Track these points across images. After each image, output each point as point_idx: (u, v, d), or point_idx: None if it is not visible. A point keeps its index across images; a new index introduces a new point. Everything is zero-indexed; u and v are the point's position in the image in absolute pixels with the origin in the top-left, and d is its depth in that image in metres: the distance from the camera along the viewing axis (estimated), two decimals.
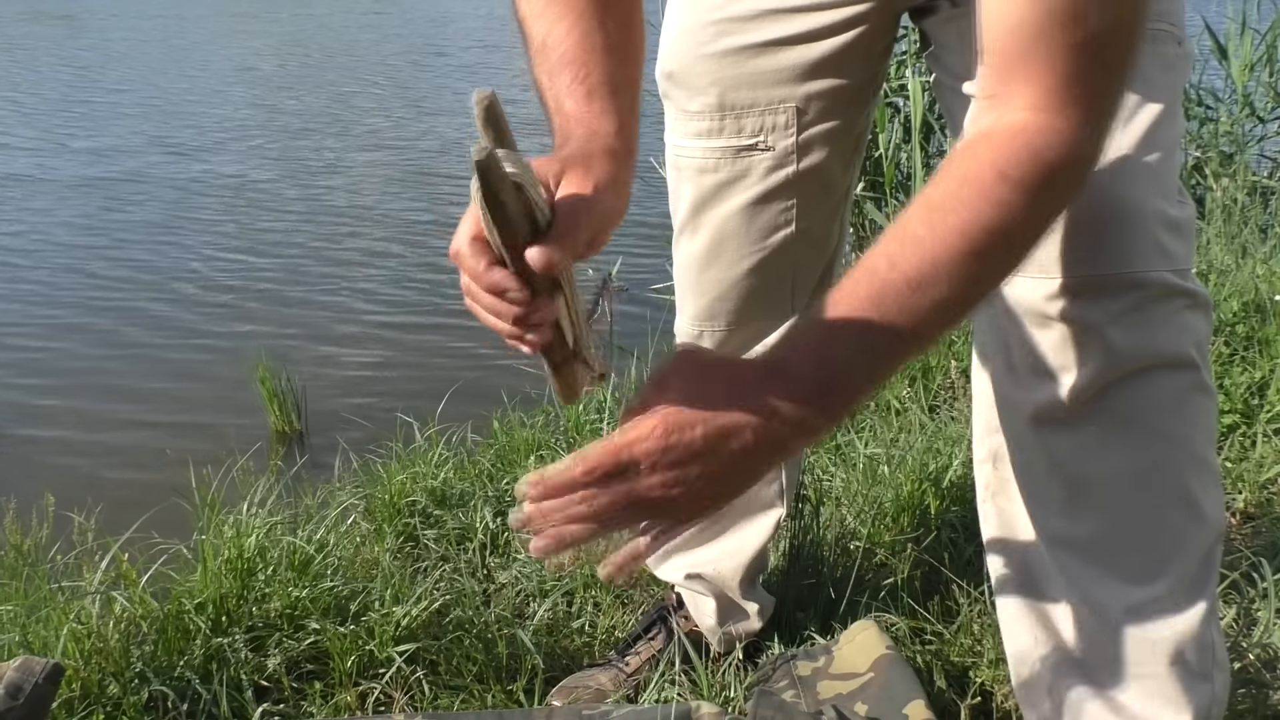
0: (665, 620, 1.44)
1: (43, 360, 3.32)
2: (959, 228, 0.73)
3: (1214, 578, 0.99)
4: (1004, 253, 0.76)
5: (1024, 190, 0.74)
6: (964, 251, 0.73)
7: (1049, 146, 0.75)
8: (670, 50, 1.18)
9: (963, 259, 0.73)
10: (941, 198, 0.75)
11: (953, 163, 0.78)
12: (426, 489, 1.89)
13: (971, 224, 0.73)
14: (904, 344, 0.75)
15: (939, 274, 0.73)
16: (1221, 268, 2.63)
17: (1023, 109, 0.76)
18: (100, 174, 5.60)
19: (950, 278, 0.73)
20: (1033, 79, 0.76)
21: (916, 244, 0.74)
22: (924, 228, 0.74)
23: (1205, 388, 0.97)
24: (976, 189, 0.74)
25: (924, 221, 0.75)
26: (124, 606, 1.44)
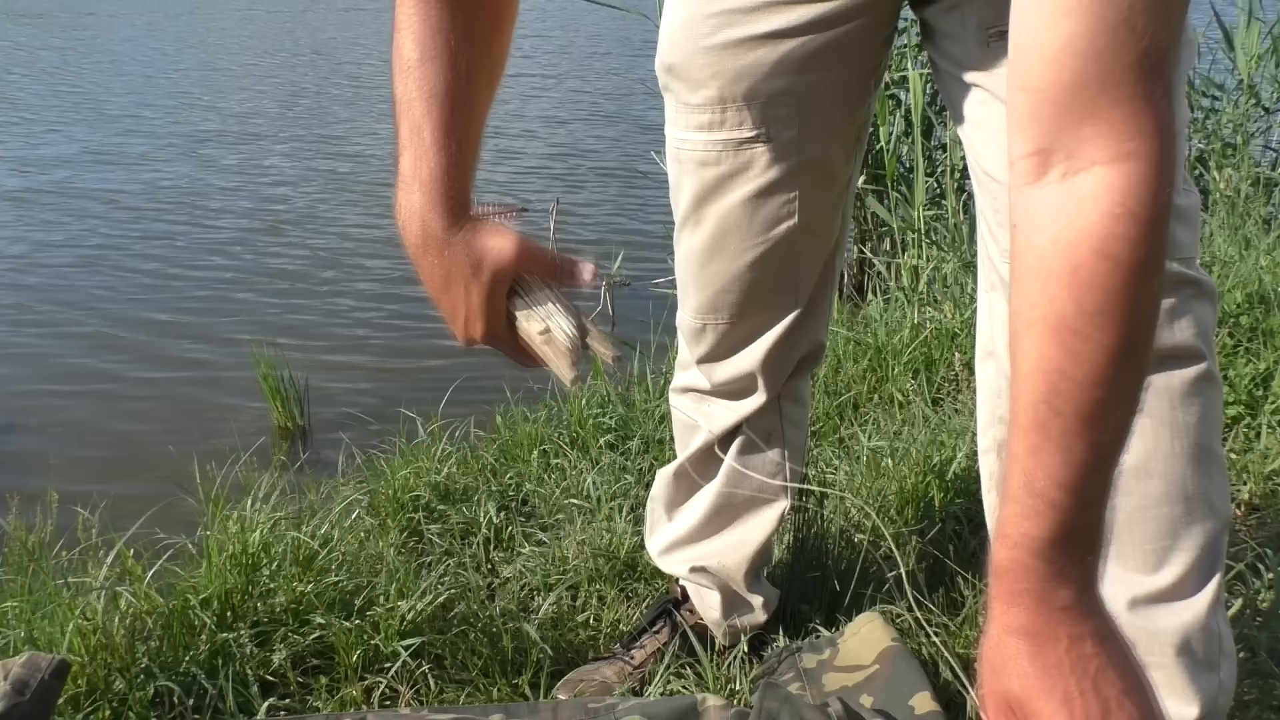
0: (670, 614, 1.44)
1: (45, 357, 3.32)
2: (1104, 345, 0.65)
3: (1220, 568, 0.99)
4: (1152, 328, 0.68)
5: (1146, 267, 0.65)
6: (1118, 360, 0.65)
7: (1149, 202, 0.64)
8: (670, 42, 1.17)
9: (1118, 366, 0.66)
10: (1072, 315, 0.65)
11: (1056, 263, 0.65)
12: (430, 484, 1.89)
13: (1115, 334, 0.65)
14: (1115, 463, 0.69)
15: (1108, 397, 0.66)
16: (1225, 259, 2.63)
17: (1101, 161, 0.65)
18: (100, 171, 5.59)
19: (1115, 389, 0.66)
20: (1103, 118, 0.64)
21: (1065, 379, 0.66)
22: (1068, 360, 0.65)
23: (1211, 377, 0.97)
24: (1104, 293, 0.64)
25: (1067, 352, 0.65)
26: (129, 602, 1.44)
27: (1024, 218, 0.68)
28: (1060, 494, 0.66)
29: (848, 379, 2.31)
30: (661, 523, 1.44)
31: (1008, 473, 0.69)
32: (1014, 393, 0.68)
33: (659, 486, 1.44)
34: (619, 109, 6.83)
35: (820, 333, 1.32)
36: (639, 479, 1.88)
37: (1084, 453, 0.66)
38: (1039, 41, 0.66)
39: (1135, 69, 0.64)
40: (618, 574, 1.61)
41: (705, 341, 1.28)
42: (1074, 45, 0.64)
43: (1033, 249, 0.67)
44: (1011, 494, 0.68)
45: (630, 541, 1.65)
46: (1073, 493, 0.66)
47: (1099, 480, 0.68)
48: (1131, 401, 0.68)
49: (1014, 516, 0.68)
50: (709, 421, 1.34)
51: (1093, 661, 0.66)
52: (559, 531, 1.77)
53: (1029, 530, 0.67)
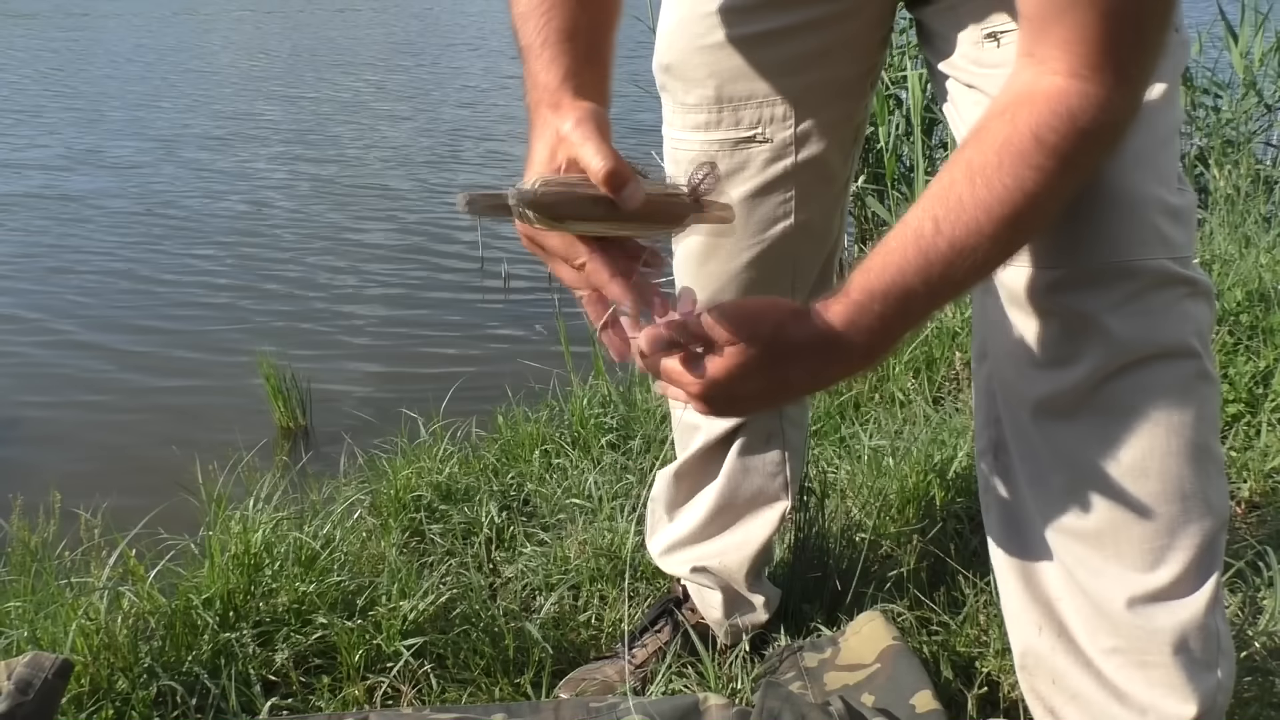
0: (672, 613, 1.45)
1: (48, 358, 3.33)
2: (1001, 194, 0.77)
3: (1218, 566, 0.99)
4: (1039, 216, 0.80)
5: (1060, 156, 0.77)
6: (1004, 217, 0.78)
7: (1083, 111, 0.77)
8: (667, 42, 1.18)
9: (1003, 224, 0.78)
10: (983, 163, 0.78)
11: (991, 125, 0.80)
12: (432, 484, 1.89)
13: (1013, 190, 0.77)
14: (940, 303, 0.83)
15: (981, 239, 0.78)
16: (1225, 257, 2.63)
17: (1057, 73, 0.78)
18: (100, 171, 5.60)
19: (991, 241, 0.79)
20: (1066, 43, 0.77)
21: (960, 209, 0.78)
22: (967, 192, 0.78)
23: (1207, 376, 0.97)
24: (1016, 155, 0.77)
25: (967, 185, 0.78)
26: (132, 602, 1.44)
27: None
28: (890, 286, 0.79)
29: None
30: (662, 523, 1.44)
31: (869, 259, 0.81)
32: (920, 200, 0.81)
33: (659, 487, 1.44)
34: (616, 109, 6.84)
35: None
36: (640, 479, 1.89)
37: (931, 272, 0.79)
38: None
39: (1108, 15, 0.76)
40: (619, 573, 1.62)
41: None
42: None
43: (985, 115, 0.82)
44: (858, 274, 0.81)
45: (632, 541, 1.65)
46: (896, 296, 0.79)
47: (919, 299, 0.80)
48: (985, 260, 0.80)
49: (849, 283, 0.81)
50: (709, 422, 1.34)
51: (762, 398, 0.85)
52: (561, 531, 1.77)
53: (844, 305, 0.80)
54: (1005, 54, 0.97)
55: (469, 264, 4.15)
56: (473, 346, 3.32)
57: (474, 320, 3.58)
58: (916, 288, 0.79)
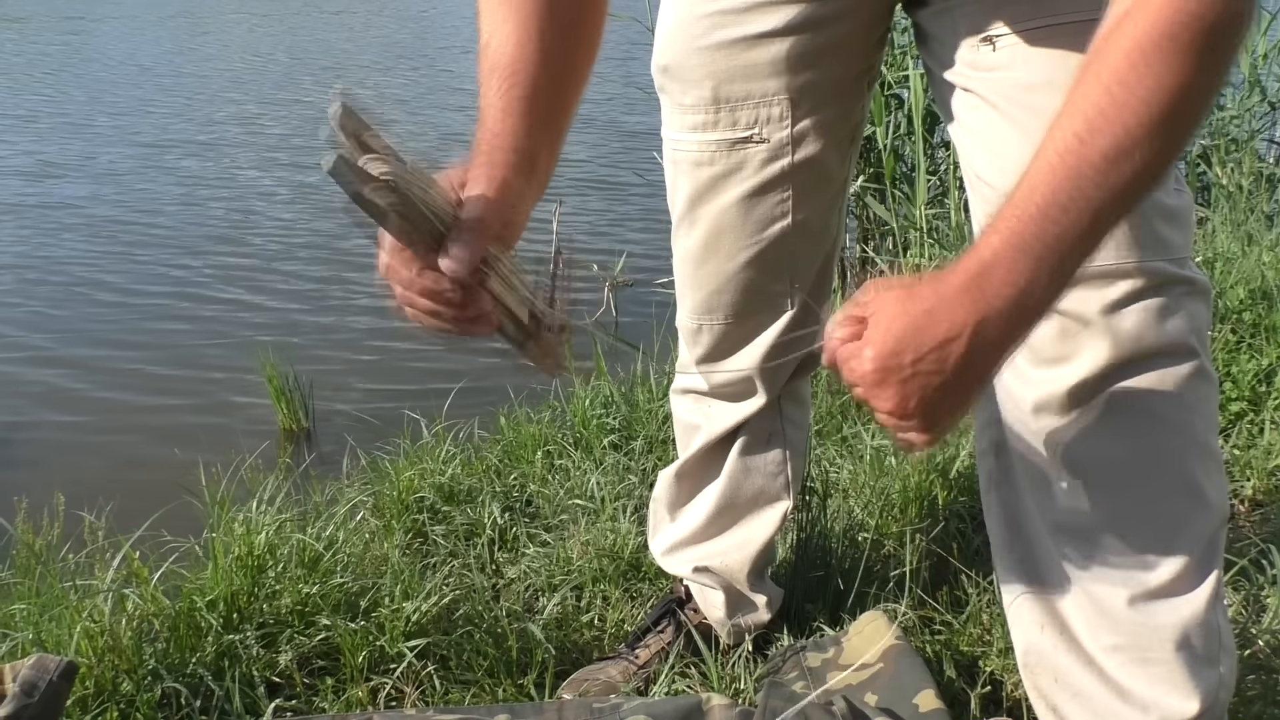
0: (674, 613, 1.45)
1: (50, 361, 3.33)
2: (1144, 96, 0.73)
3: (1219, 563, 1.00)
4: (1188, 118, 0.76)
5: (1195, 52, 0.74)
6: (1153, 118, 0.74)
7: (1209, 6, 0.73)
8: (665, 44, 1.18)
9: (1154, 125, 0.74)
10: (1116, 68, 0.74)
11: (1117, 34, 0.75)
12: (434, 485, 1.90)
13: (1155, 90, 0.73)
14: (1105, 221, 0.76)
15: (1133, 146, 0.74)
16: (1227, 255, 2.62)
17: None
18: (100, 170, 5.61)
19: (1143, 148, 0.74)
20: None
21: (1104, 119, 0.74)
22: (1107, 101, 0.74)
23: (1206, 374, 0.98)
24: (1151, 55, 0.74)
25: (1105, 95, 0.74)
26: (136, 604, 1.44)
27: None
28: (1059, 212, 0.74)
29: None
30: (664, 523, 1.44)
31: (1013, 190, 0.76)
32: (1055, 124, 0.75)
33: (661, 487, 1.44)
34: (618, 110, 6.83)
35: (819, 335, 1.32)
36: (643, 479, 1.89)
37: (1085, 190, 0.74)
38: None
39: None
40: (622, 574, 1.62)
41: (702, 342, 1.28)
42: None
43: (1103, 26, 0.76)
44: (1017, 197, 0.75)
45: (634, 542, 1.65)
46: (1069, 215, 0.74)
47: (1100, 219, 0.75)
48: (1153, 165, 0.75)
49: (1012, 217, 0.75)
50: (710, 422, 1.34)
51: (935, 366, 0.76)
52: (563, 532, 1.77)
53: (1021, 229, 0.75)
54: (1001, 57, 0.97)
55: None
56: (475, 348, 3.31)
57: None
58: (1071, 209, 0.74)
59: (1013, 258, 0.75)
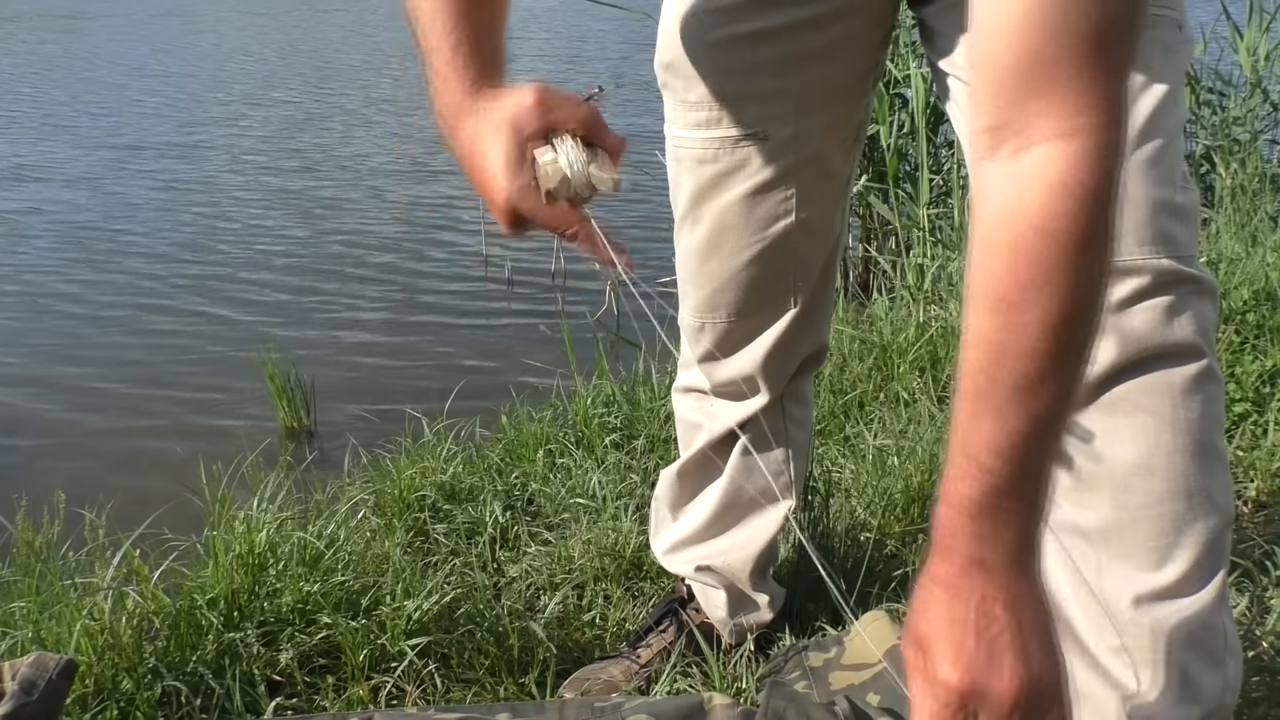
0: (676, 613, 1.44)
1: (52, 359, 3.33)
2: (1041, 319, 0.68)
3: (1224, 564, 0.99)
4: (1092, 305, 0.71)
5: (1086, 244, 0.68)
6: (1055, 334, 0.69)
7: (1092, 178, 0.67)
8: (668, 40, 1.17)
9: (1055, 339, 0.69)
10: (1009, 289, 0.68)
11: (997, 237, 0.69)
12: (436, 484, 1.89)
13: (1052, 309, 0.68)
14: (1053, 435, 0.71)
15: (1045, 369, 0.69)
16: (1232, 256, 2.62)
17: (1046, 138, 0.68)
18: (101, 169, 5.61)
19: (1052, 362, 0.69)
20: (1049, 95, 0.67)
21: (1003, 351, 0.69)
22: (1006, 332, 0.69)
23: (1212, 374, 0.97)
24: (1041, 268, 0.68)
25: (1004, 325, 0.69)
26: (136, 602, 1.44)
27: (977, 192, 0.72)
28: (992, 460, 0.70)
29: (853, 377, 2.31)
30: (666, 522, 1.44)
31: (951, 434, 0.72)
32: (960, 359, 0.71)
33: (663, 486, 1.44)
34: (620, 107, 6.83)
35: (822, 333, 1.32)
36: (644, 478, 1.88)
37: (1019, 422, 0.69)
38: (993, 19, 0.68)
39: (1083, 45, 0.66)
40: (623, 573, 1.62)
41: (705, 340, 1.28)
42: (1022, 23, 0.67)
43: (981, 223, 0.70)
44: (951, 455, 0.72)
45: (636, 541, 1.65)
46: (1006, 460, 0.69)
47: (1035, 450, 0.70)
48: (1071, 375, 0.70)
49: (951, 477, 0.71)
50: (712, 421, 1.34)
51: (996, 624, 0.70)
52: (565, 531, 1.77)
53: (963, 490, 0.71)
54: None
55: (473, 263, 4.15)
56: (476, 346, 3.32)
57: (478, 320, 3.58)
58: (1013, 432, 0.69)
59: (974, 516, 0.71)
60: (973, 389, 0.71)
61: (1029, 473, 0.71)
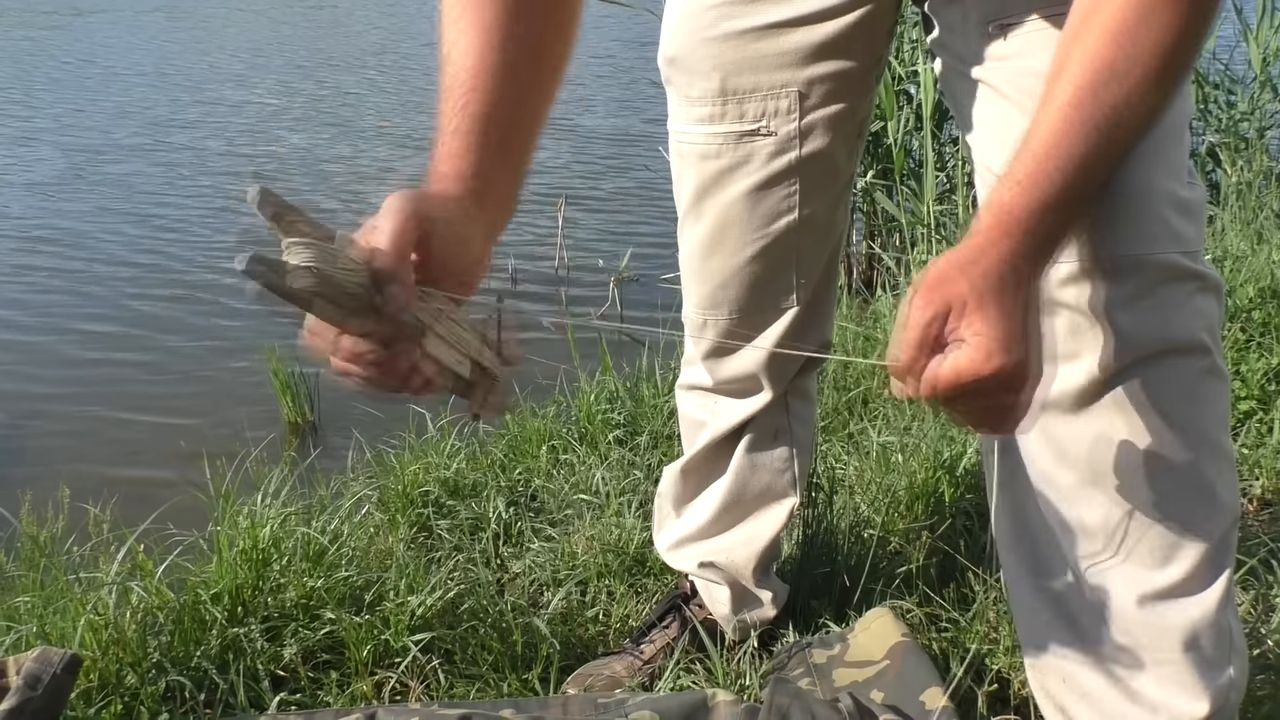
0: (680, 609, 1.44)
1: (55, 354, 3.33)
2: (1151, 49, 0.76)
3: (1230, 563, 0.99)
4: (1186, 67, 0.80)
5: (1190, 6, 0.76)
6: (1159, 70, 0.77)
7: None
8: (672, 35, 1.17)
9: (1159, 77, 0.77)
10: (1121, 22, 0.76)
11: None
12: (439, 479, 1.89)
13: (1160, 45, 0.76)
14: (1108, 172, 0.80)
15: (1142, 96, 0.77)
16: (1237, 253, 2.61)
17: None
18: (102, 167, 5.61)
19: (1150, 97, 0.77)
20: None
21: (1113, 72, 0.76)
22: (1117, 54, 0.76)
23: (1217, 372, 0.97)
24: (1152, 13, 0.76)
25: (1116, 47, 0.76)
26: (140, 597, 1.44)
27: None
28: (1059, 174, 0.77)
29: (857, 374, 2.30)
30: (670, 519, 1.44)
31: (1019, 151, 0.79)
32: (1052, 82, 0.79)
33: (666, 483, 1.44)
34: (624, 104, 6.82)
35: (825, 331, 1.31)
36: (648, 474, 1.88)
37: (1098, 143, 0.77)
38: None
39: None
40: (627, 569, 1.61)
41: (708, 337, 1.27)
42: None
43: None
44: (1014, 168, 0.79)
45: (639, 537, 1.65)
46: (1069, 175, 0.77)
47: (1092, 177, 0.78)
48: (1153, 113, 0.78)
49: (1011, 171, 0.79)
50: (715, 418, 1.34)
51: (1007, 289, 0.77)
52: (568, 527, 1.77)
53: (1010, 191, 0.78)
54: (1012, 46, 0.96)
55: None
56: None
57: (481, 316, 3.57)
58: (1091, 157, 0.77)
59: (1042, 210, 0.78)
60: (1071, 101, 0.77)
61: (1076, 200, 0.79)
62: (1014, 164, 0.79)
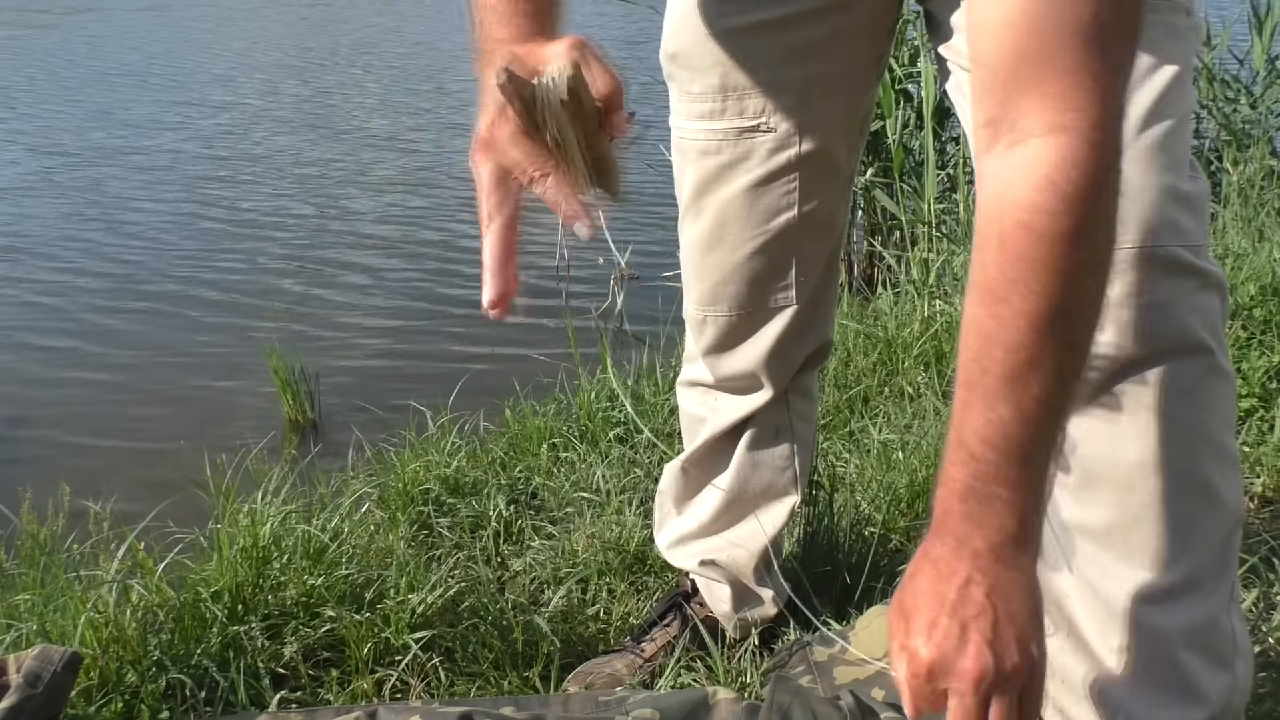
0: (680, 607, 1.44)
1: (56, 351, 3.34)
2: (1025, 312, 0.70)
3: (1233, 565, 0.98)
4: (1081, 301, 0.72)
5: (1071, 240, 0.69)
6: (1039, 327, 0.70)
7: (1081, 174, 0.68)
8: (673, 31, 1.17)
9: (1040, 332, 0.70)
10: (996, 281, 0.70)
11: (988, 230, 0.71)
12: (440, 477, 1.89)
13: (1035, 302, 0.69)
14: (1044, 428, 0.73)
15: (1030, 361, 0.70)
16: (1238, 251, 2.61)
17: (1036, 133, 0.69)
18: (101, 164, 5.61)
19: (1037, 354, 0.70)
20: (1040, 89, 0.68)
21: (990, 341, 0.71)
22: (993, 322, 0.71)
23: (1221, 371, 0.96)
24: (1025, 263, 0.69)
25: (991, 315, 0.71)
26: (141, 595, 1.44)
27: (978, 185, 0.74)
28: (981, 447, 0.72)
29: (858, 372, 2.30)
30: (670, 517, 1.44)
31: (949, 421, 0.75)
32: (959, 347, 0.75)
33: (667, 480, 1.43)
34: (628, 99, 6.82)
35: (826, 329, 1.31)
36: (648, 472, 1.88)
37: (1006, 411, 0.71)
38: (988, 16, 0.70)
39: (1076, 40, 0.68)
40: (628, 567, 1.61)
41: (707, 334, 1.27)
42: (1015, 18, 0.68)
43: (978, 215, 0.73)
44: (949, 439, 0.75)
45: (640, 535, 1.65)
46: (993, 448, 0.72)
47: (1025, 440, 0.72)
48: (1061, 369, 0.72)
49: (948, 460, 0.75)
50: (716, 415, 1.34)
51: (974, 606, 0.72)
52: (569, 525, 1.77)
53: (955, 475, 0.74)
54: None
55: (477, 258, 4.14)
56: (480, 340, 3.32)
57: (481, 314, 3.57)
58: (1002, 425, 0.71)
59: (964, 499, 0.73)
60: (965, 377, 0.73)
61: (1017, 462, 0.72)
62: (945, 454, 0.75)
